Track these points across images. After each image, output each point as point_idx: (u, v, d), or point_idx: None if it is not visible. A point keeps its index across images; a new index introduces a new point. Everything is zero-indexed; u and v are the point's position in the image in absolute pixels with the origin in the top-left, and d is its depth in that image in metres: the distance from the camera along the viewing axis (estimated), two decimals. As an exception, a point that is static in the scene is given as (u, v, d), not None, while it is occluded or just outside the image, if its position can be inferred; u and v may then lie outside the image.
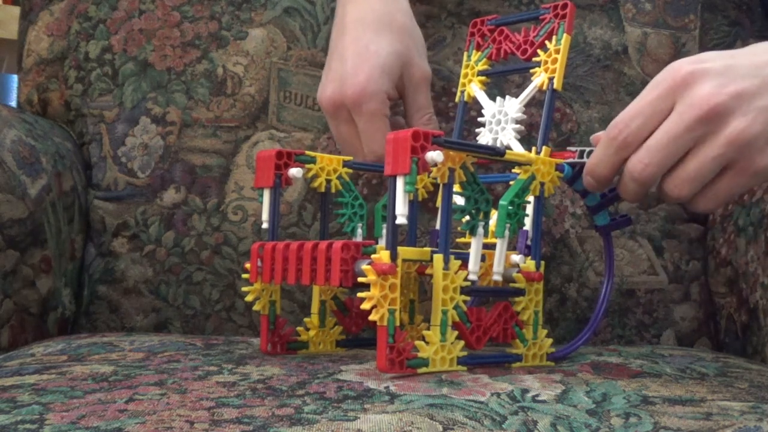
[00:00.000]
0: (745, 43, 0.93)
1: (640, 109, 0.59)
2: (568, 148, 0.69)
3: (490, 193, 0.63)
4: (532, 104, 0.91)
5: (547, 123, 0.70)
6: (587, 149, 0.66)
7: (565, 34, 0.71)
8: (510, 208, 0.62)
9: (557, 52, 0.71)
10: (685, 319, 0.91)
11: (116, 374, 0.58)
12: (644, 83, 0.92)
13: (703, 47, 0.94)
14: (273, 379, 0.57)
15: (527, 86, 0.73)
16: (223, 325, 0.90)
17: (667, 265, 0.91)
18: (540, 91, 0.71)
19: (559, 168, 0.67)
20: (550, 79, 0.70)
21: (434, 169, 0.59)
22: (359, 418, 0.47)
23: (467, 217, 0.62)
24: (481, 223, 0.62)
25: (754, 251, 0.81)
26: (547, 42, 0.71)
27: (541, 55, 0.72)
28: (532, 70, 0.72)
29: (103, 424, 0.45)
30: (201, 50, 0.94)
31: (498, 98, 0.74)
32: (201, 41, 0.94)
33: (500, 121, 0.73)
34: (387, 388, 0.54)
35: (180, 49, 0.94)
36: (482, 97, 0.76)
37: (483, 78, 0.77)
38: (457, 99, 0.78)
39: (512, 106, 0.73)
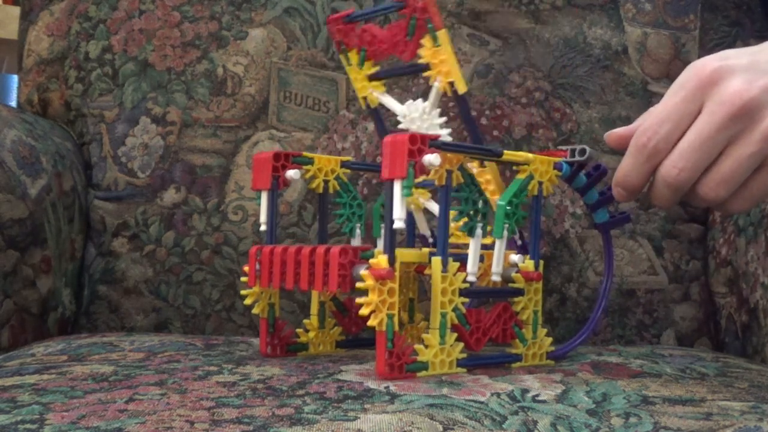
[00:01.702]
0: (745, 43, 0.93)
1: (668, 113, 0.57)
2: (559, 147, 0.68)
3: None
4: (532, 104, 0.91)
5: (472, 128, 0.65)
6: (578, 147, 0.66)
7: (439, 32, 0.64)
8: (508, 208, 0.62)
9: (441, 53, 0.64)
10: (685, 319, 0.91)
11: (116, 374, 0.58)
12: (644, 83, 0.93)
13: (703, 47, 0.94)
14: (273, 379, 0.57)
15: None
16: (223, 325, 0.90)
17: (667, 265, 0.91)
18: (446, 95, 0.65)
19: (557, 167, 0.66)
20: (451, 84, 0.64)
21: (432, 172, 0.59)
22: (359, 418, 0.47)
23: (465, 218, 0.62)
24: (479, 224, 0.62)
25: (754, 251, 0.81)
26: (422, 41, 0.65)
27: (425, 56, 0.65)
28: (426, 74, 0.66)
29: (103, 424, 0.45)
30: (201, 50, 0.94)
31: (408, 102, 0.68)
32: (201, 41, 0.94)
33: (418, 120, 0.68)
34: (387, 388, 0.54)
35: (180, 49, 0.94)
36: (389, 102, 0.70)
37: (380, 81, 0.71)
38: (363, 106, 0.72)
39: (429, 113, 0.67)
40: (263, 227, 0.69)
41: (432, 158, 0.57)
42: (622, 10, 0.94)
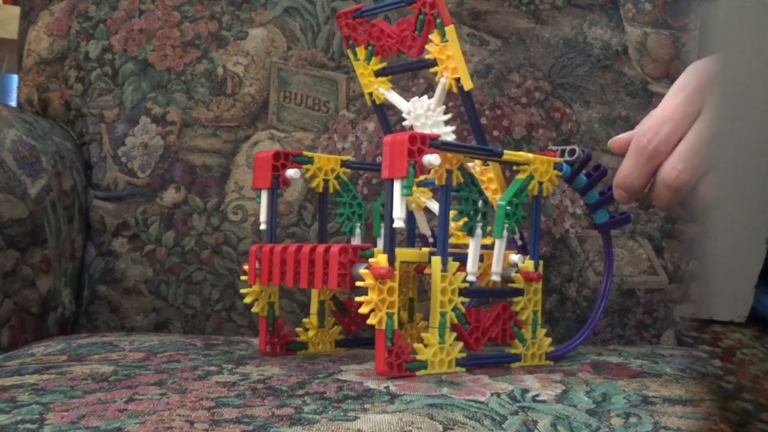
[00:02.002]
0: (744, 43, 0.93)
1: (668, 115, 0.57)
2: (550, 147, 0.68)
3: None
4: (532, 104, 0.91)
5: (476, 126, 0.65)
6: (567, 148, 0.66)
7: (447, 27, 0.63)
8: (508, 208, 0.62)
9: (449, 49, 0.63)
10: (685, 319, 0.91)
11: (116, 374, 0.58)
12: (644, 83, 0.93)
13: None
14: (273, 379, 0.57)
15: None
16: (223, 325, 0.90)
17: (667, 265, 0.91)
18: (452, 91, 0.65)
19: (557, 167, 0.66)
20: (457, 81, 0.64)
21: (432, 171, 0.59)
22: (359, 418, 0.47)
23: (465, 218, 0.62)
24: (479, 224, 0.62)
25: (754, 251, 0.81)
26: (431, 36, 0.64)
27: (433, 51, 0.64)
28: (432, 70, 0.65)
29: (103, 424, 0.45)
30: (201, 50, 0.94)
31: (413, 99, 0.68)
32: (201, 41, 0.94)
33: (423, 117, 0.67)
34: (387, 388, 0.54)
35: (180, 49, 0.94)
36: (395, 99, 0.70)
37: (385, 78, 0.71)
38: (369, 103, 0.73)
39: (433, 110, 0.67)
40: (263, 226, 0.69)
41: (432, 158, 0.57)
42: (622, 10, 0.94)
